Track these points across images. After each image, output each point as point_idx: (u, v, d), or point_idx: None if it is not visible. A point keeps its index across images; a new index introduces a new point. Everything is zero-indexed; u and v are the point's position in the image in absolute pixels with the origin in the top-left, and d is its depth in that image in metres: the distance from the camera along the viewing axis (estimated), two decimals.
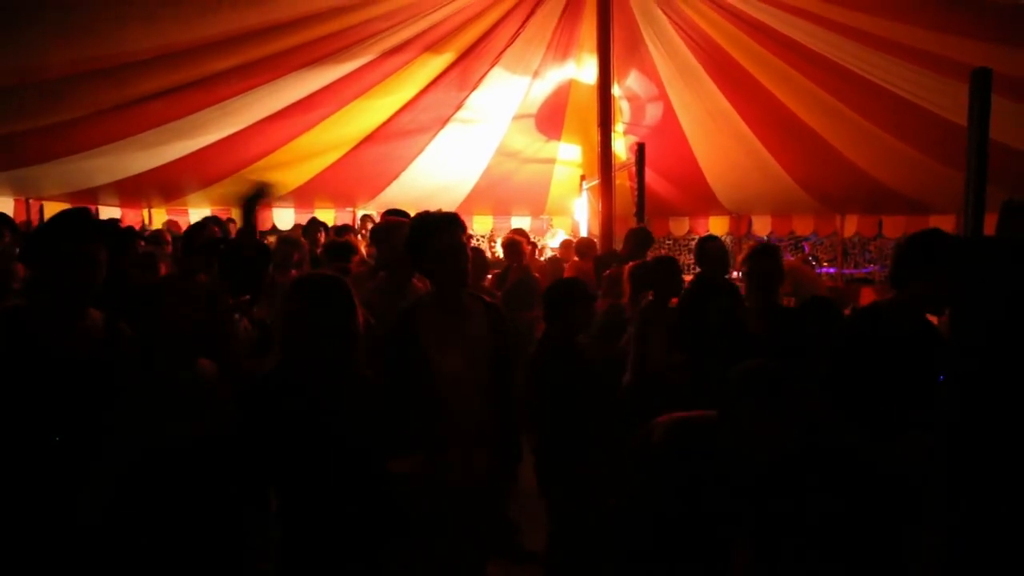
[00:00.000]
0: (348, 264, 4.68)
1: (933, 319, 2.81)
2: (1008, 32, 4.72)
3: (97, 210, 8.68)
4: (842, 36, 5.66)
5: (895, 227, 9.30)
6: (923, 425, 2.55)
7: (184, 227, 9.18)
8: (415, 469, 2.48)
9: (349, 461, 2.24)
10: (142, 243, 5.63)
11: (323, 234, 7.13)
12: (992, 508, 2.42)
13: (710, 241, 4.74)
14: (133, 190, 8.41)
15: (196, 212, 9.27)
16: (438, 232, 2.73)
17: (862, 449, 2.57)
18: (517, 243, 6.52)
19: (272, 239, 6.44)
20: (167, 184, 8.44)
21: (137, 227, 9.11)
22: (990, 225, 3.06)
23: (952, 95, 5.29)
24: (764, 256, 3.68)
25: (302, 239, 5.96)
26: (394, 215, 4.11)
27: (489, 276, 6.40)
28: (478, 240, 12.09)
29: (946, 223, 8.86)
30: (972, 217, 2.53)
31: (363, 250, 6.39)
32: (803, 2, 5.41)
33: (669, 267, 4.37)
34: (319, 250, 6.27)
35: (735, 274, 5.64)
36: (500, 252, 8.14)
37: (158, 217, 9.43)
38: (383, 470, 2.34)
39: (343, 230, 7.47)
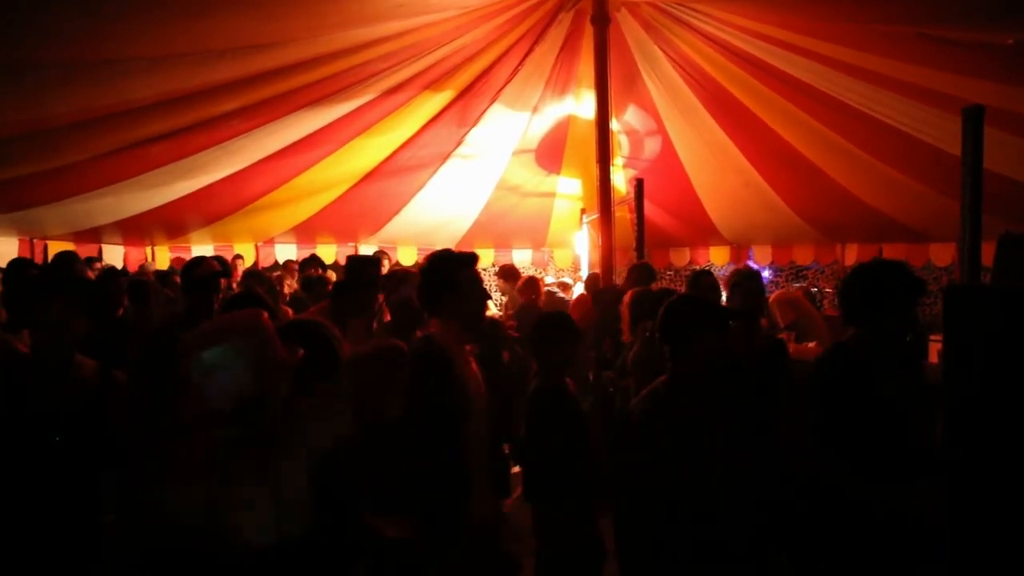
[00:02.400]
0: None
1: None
2: (1002, 70, 4.80)
3: (100, 248, 8.74)
4: (839, 72, 5.71)
5: (895, 255, 9.28)
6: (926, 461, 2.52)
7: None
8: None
9: None
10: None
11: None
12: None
13: (705, 276, 4.78)
14: (136, 229, 8.45)
15: (199, 248, 9.31)
16: (465, 269, 2.75)
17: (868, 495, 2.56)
18: (534, 281, 7.46)
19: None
20: (170, 222, 8.48)
21: (142, 263, 9.19)
22: (988, 254, 3.06)
23: (950, 129, 5.33)
24: (750, 279, 3.74)
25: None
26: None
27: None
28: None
29: (947, 250, 8.89)
30: (968, 252, 2.53)
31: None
32: (800, 39, 5.45)
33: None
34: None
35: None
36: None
37: (161, 254, 9.48)
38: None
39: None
